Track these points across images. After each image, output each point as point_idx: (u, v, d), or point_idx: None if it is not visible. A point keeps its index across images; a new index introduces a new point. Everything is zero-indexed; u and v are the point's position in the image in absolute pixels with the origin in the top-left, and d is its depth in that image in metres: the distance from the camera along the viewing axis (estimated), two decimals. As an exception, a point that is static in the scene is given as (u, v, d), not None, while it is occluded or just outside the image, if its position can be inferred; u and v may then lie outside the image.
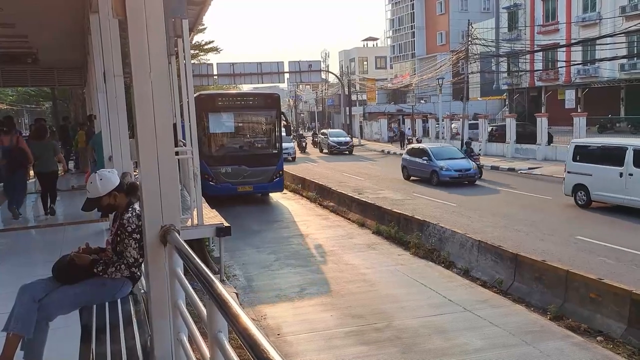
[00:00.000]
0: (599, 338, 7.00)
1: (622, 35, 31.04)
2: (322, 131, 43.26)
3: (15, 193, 9.68)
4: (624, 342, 6.75)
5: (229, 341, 2.05)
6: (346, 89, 50.94)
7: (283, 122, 18.25)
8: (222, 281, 8.84)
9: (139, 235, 3.60)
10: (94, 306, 3.77)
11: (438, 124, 36.71)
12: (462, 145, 25.98)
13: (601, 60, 33.91)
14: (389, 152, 36.45)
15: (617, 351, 6.64)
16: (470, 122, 34.59)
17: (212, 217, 9.33)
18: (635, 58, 35.97)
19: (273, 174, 17.19)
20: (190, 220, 8.27)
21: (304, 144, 39.91)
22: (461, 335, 7.21)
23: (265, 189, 17.94)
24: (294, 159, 31.88)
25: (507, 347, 6.83)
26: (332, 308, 8.35)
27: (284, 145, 28.01)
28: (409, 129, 40.54)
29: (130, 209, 3.75)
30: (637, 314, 6.81)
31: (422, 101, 57.57)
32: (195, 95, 16.85)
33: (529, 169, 23.86)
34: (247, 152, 17.52)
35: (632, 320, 6.85)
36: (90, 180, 3.81)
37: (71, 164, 17.86)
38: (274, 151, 17.69)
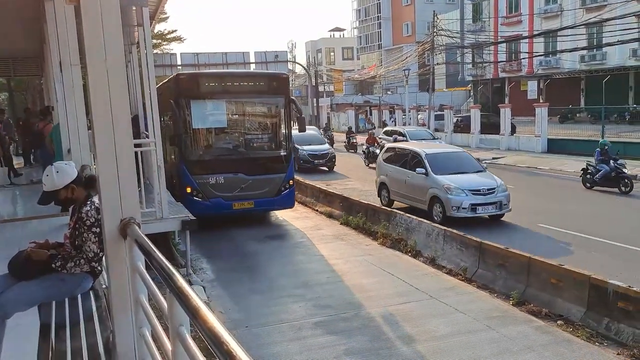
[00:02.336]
0: (559, 322, 7.20)
1: (583, 27, 31.93)
2: (386, 130, 29.03)
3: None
4: (583, 325, 6.97)
5: (193, 335, 2.01)
6: (313, 80, 50.86)
7: (294, 113, 13.36)
8: (188, 274, 8.74)
9: (98, 229, 3.50)
10: (53, 302, 3.66)
11: (405, 115, 37.00)
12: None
13: (562, 51, 34.83)
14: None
15: (576, 334, 6.85)
16: (436, 113, 35.05)
17: (178, 210, 9.23)
18: (594, 49, 37.04)
19: (281, 184, 12.84)
20: (155, 213, 8.16)
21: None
22: (428, 322, 7.32)
23: (270, 205, 13.22)
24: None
25: (472, 333, 6.97)
26: (300, 299, 8.35)
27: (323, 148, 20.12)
28: (393, 120, 40.19)
29: (89, 202, 3.64)
30: (596, 298, 7.04)
31: (389, 92, 58.09)
32: (173, 76, 14.07)
33: (493, 158, 24.30)
34: (245, 154, 12.90)
35: (590, 304, 7.08)
36: (47, 173, 3.69)
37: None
38: (282, 153, 13.14)
